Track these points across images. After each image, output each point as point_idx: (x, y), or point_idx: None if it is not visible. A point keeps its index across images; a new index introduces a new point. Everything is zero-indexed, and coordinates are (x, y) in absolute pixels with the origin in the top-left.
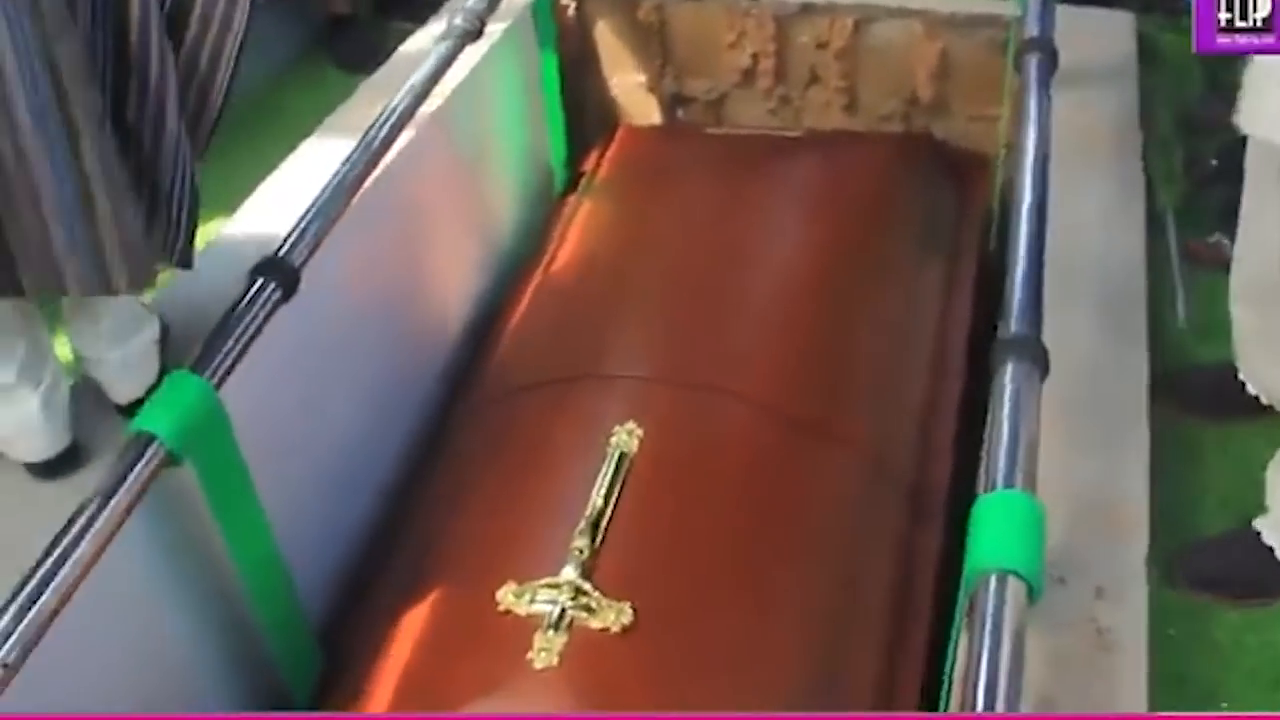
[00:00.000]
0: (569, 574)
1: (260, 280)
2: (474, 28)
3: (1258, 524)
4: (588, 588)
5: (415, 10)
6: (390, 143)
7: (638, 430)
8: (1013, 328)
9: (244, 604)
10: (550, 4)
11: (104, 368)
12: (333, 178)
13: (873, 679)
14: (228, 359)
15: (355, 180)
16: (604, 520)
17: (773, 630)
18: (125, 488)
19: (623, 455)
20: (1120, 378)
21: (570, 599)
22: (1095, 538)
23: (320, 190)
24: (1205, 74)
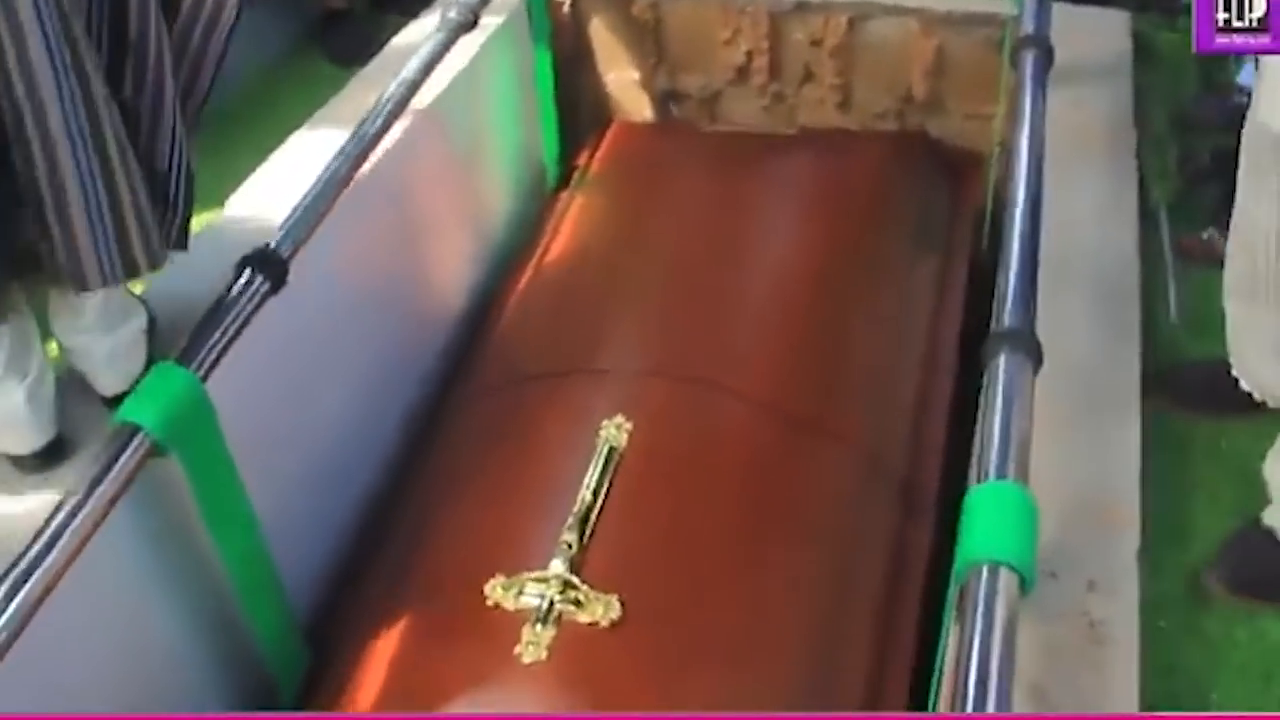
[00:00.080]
0: (557, 568)
1: (249, 272)
2: (468, 20)
3: (1266, 518)
4: (576, 582)
5: (409, 4)
6: (382, 135)
7: (627, 424)
8: (1006, 320)
9: (230, 597)
10: None
11: (90, 359)
12: (323, 170)
13: (863, 672)
14: (214, 351)
15: (346, 172)
16: (592, 514)
17: (762, 624)
18: (110, 479)
19: (612, 449)
20: (1113, 372)
21: (558, 593)
22: (1087, 532)
23: (311, 183)
24: (1200, 73)
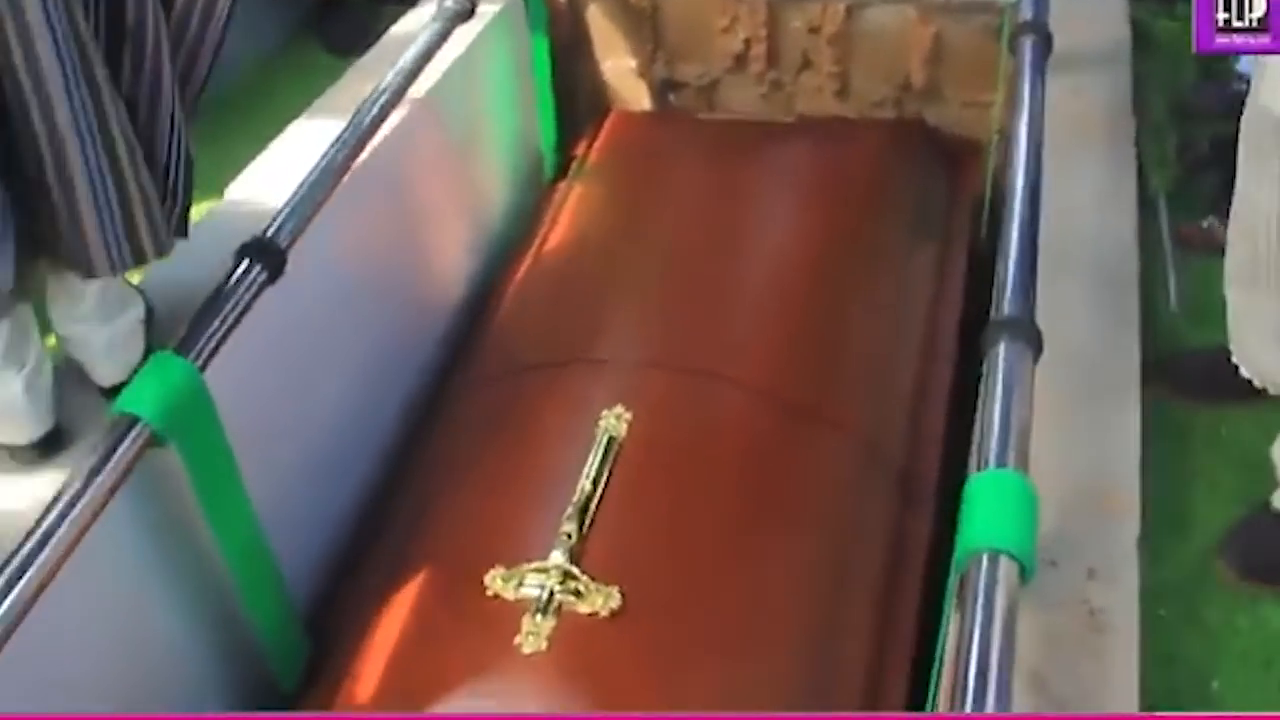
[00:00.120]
0: (557, 558)
1: (247, 261)
2: (465, 8)
3: (1276, 502)
4: (576, 572)
5: None
6: (379, 124)
7: (626, 414)
8: (1005, 309)
9: (229, 588)
10: None
11: (88, 348)
12: (321, 159)
13: (863, 661)
14: (213, 341)
15: (344, 161)
16: (592, 505)
17: (762, 614)
18: (108, 470)
19: (611, 439)
20: (1112, 360)
21: (558, 583)
22: (1087, 520)
23: (308, 172)
24: (1199, 61)
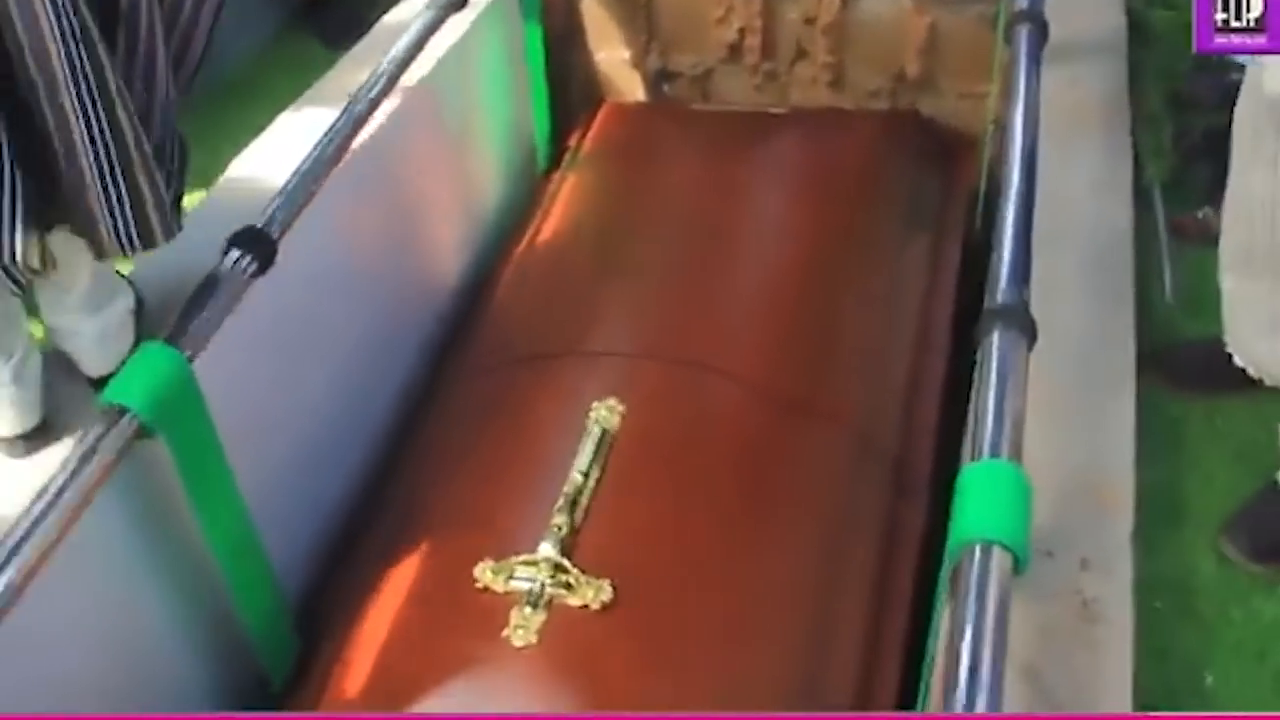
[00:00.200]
0: (547, 551)
1: (237, 252)
2: None
3: None
4: (567, 565)
5: None
6: (371, 114)
7: (619, 407)
8: (1000, 297)
9: (218, 580)
10: None
11: (77, 339)
12: (313, 148)
13: (856, 653)
14: (202, 331)
15: (336, 151)
16: (583, 497)
17: (755, 606)
18: (95, 461)
19: (604, 432)
20: (1107, 350)
21: (549, 576)
22: (1081, 511)
23: (300, 161)
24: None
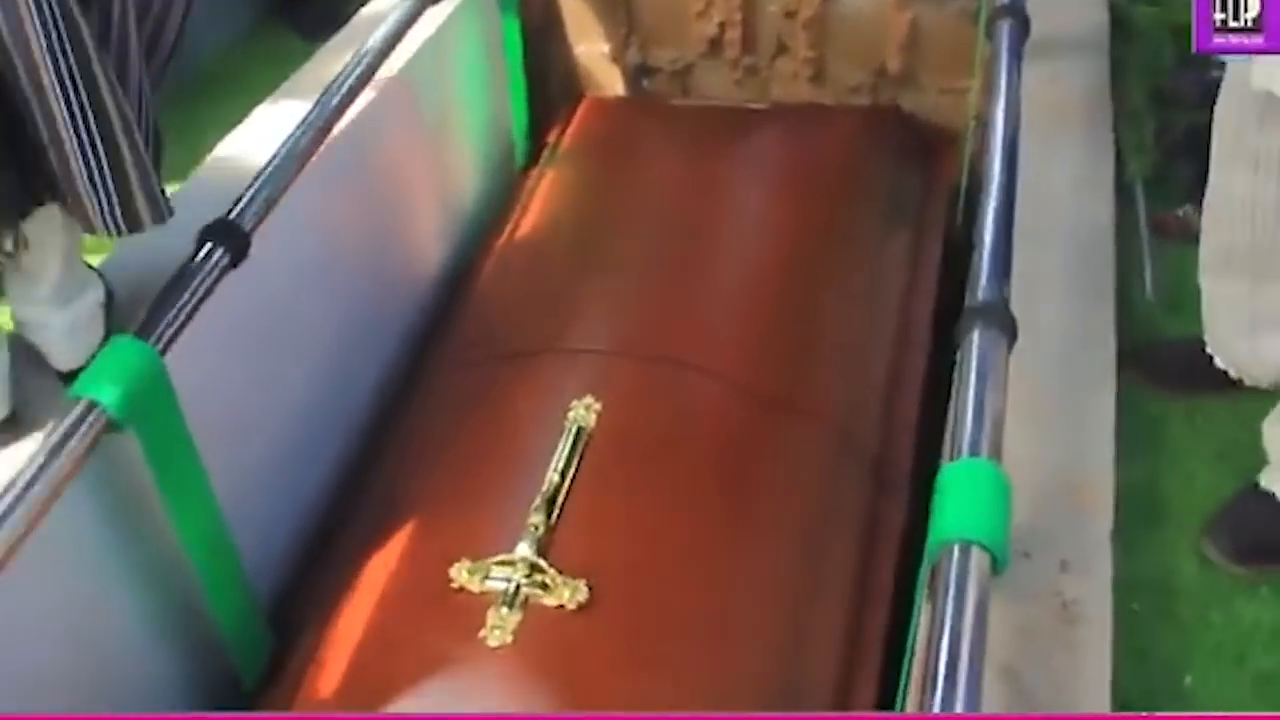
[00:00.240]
0: (524, 551)
1: (209, 244)
2: None
3: (1264, 481)
4: (543, 565)
5: None
6: (347, 106)
7: (596, 405)
8: (980, 295)
9: (190, 578)
10: None
11: (47, 331)
12: (287, 140)
13: (835, 652)
14: (173, 325)
15: (311, 143)
16: (560, 496)
17: (734, 605)
18: (63, 456)
19: (580, 430)
20: (1088, 349)
21: (525, 576)
22: (1060, 511)
23: (274, 153)
24: (1177, 47)
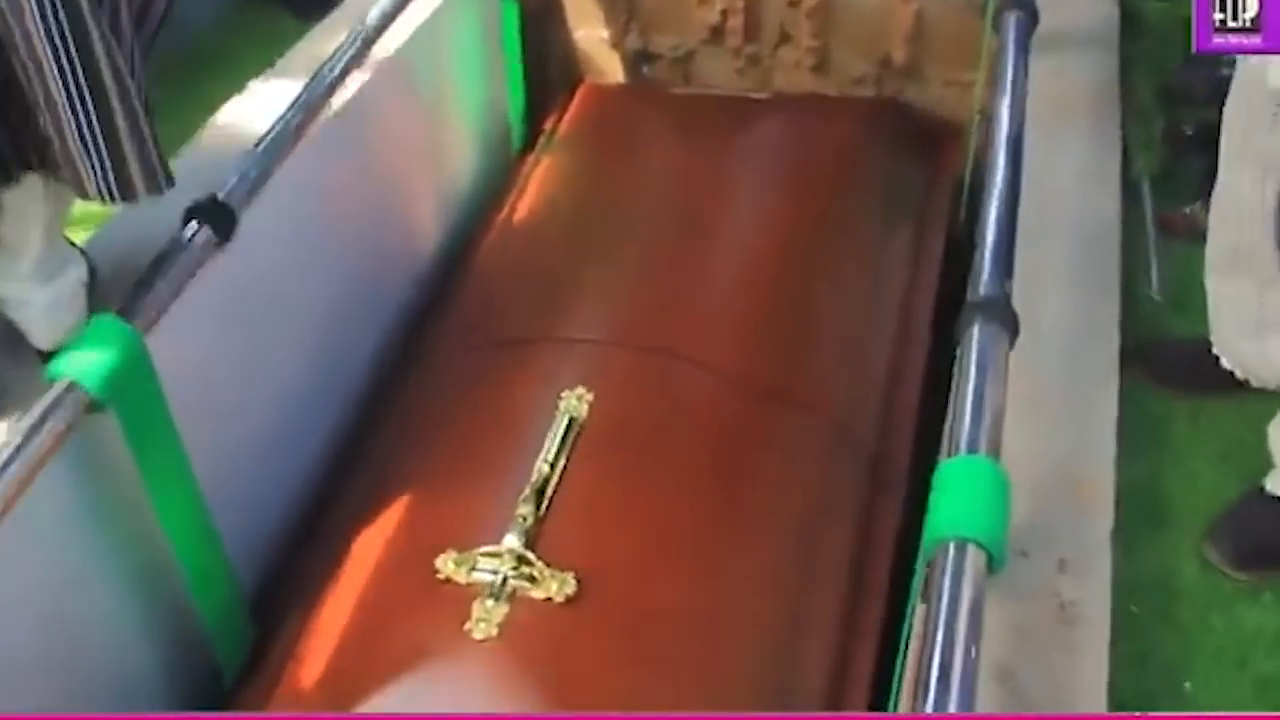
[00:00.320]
0: (511, 542)
1: (195, 223)
2: None
3: (1269, 485)
4: (531, 556)
5: None
6: (339, 85)
7: (588, 395)
8: (982, 290)
9: (171, 564)
10: None
11: (27, 309)
12: (278, 119)
13: (829, 649)
14: (157, 305)
15: (302, 122)
16: (549, 487)
17: (725, 601)
18: (41, 436)
19: (572, 420)
20: (1091, 346)
21: (512, 568)
22: (1059, 510)
23: (264, 131)
24: (1187, 43)
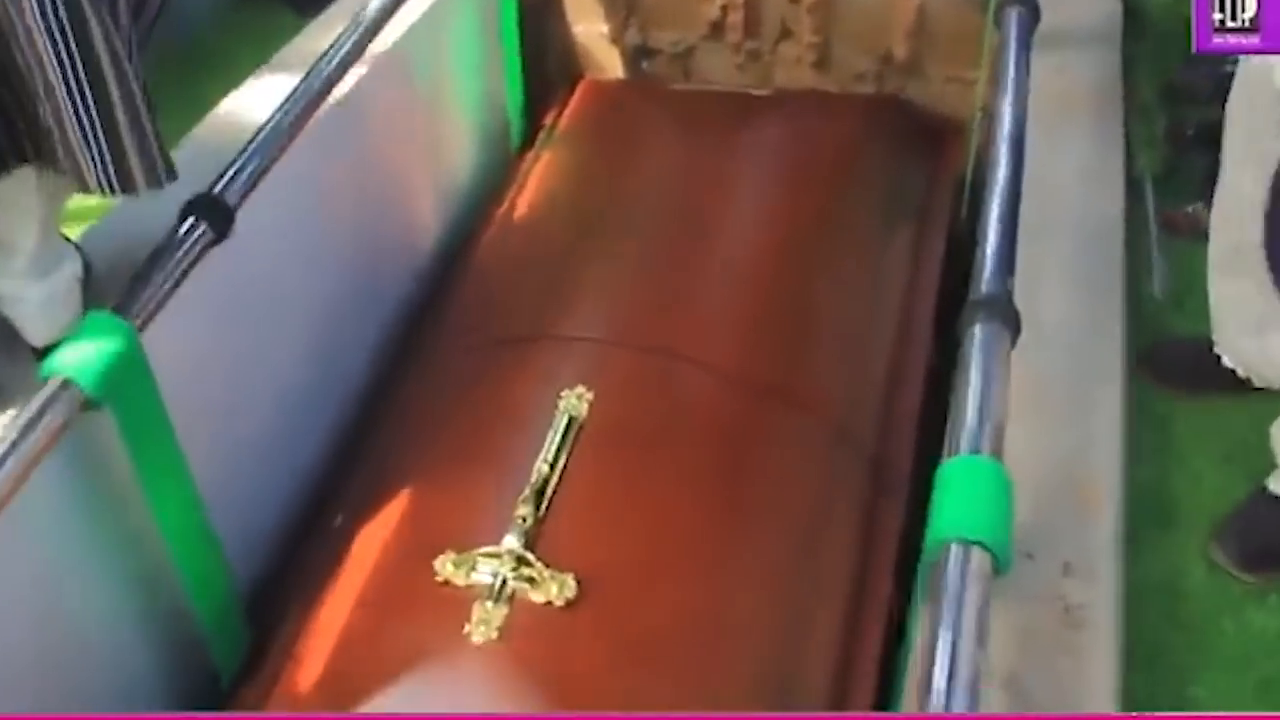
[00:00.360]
0: (511, 543)
1: (192, 219)
2: None
3: (1273, 485)
4: (530, 558)
5: None
6: (337, 80)
7: (588, 394)
8: (983, 288)
9: (167, 564)
10: None
11: (21, 305)
12: (275, 113)
13: (832, 652)
14: (153, 302)
15: (299, 117)
16: (549, 487)
17: (726, 604)
18: (35, 435)
19: (571, 420)
20: (1094, 345)
21: (512, 570)
22: (1064, 512)
23: (261, 126)
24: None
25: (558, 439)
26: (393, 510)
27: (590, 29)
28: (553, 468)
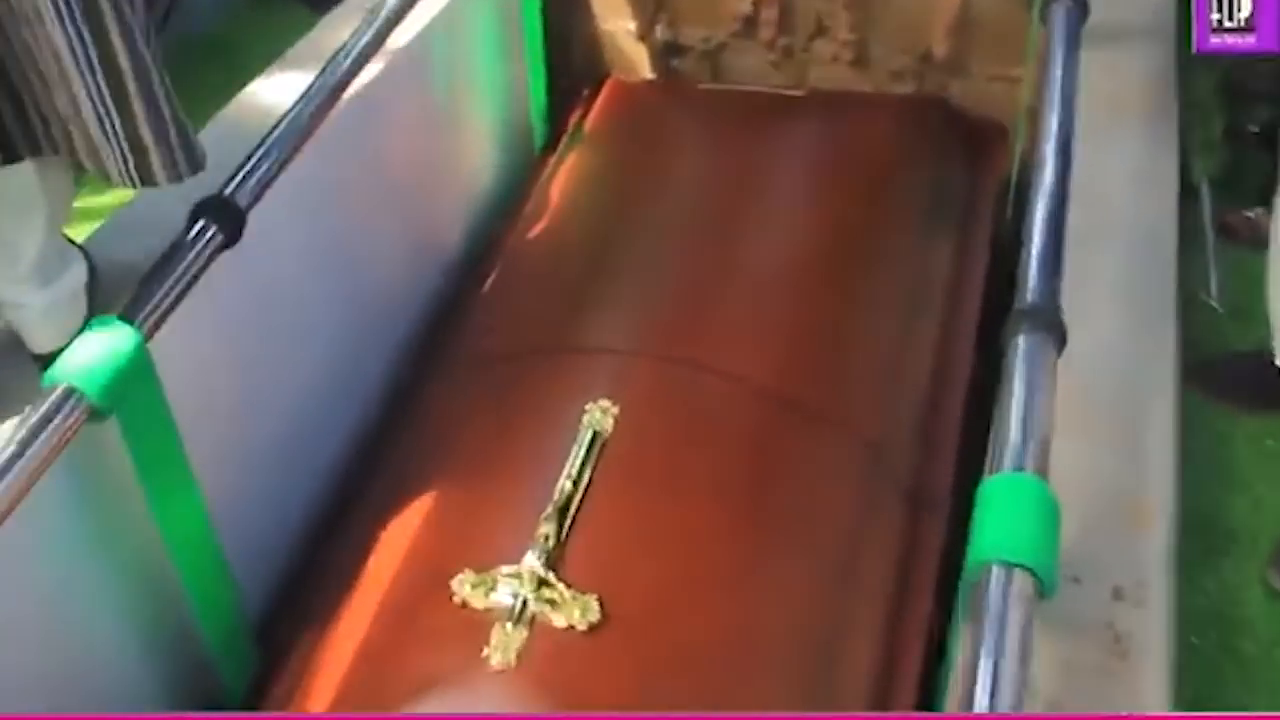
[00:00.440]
0: (531, 562)
1: (201, 222)
2: None
3: None
4: (552, 579)
5: None
6: (352, 79)
7: (613, 408)
8: (1029, 297)
9: (173, 581)
10: None
11: (25, 312)
12: (288, 113)
13: (867, 679)
14: (160, 308)
15: (312, 117)
16: (572, 505)
17: (755, 629)
18: (38, 446)
19: (595, 435)
20: (1146, 358)
21: (532, 591)
22: (1113, 533)
23: (273, 126)
24: None
25: (582, 454)
26: (409, 526)
27: (617, 25)
28: (576, 484)
